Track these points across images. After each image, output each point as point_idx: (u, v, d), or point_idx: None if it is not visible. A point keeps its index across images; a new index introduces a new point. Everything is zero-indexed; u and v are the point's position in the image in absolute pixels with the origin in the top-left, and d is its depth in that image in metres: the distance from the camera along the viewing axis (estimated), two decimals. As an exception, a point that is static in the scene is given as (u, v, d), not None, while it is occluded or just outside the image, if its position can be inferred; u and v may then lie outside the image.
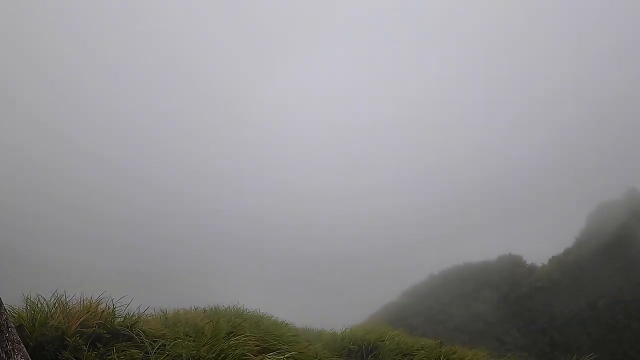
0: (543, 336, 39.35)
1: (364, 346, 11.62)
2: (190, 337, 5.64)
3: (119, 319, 5.72)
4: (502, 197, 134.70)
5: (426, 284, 51.88)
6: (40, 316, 5.35)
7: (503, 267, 50.18)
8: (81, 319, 5.27)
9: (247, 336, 6.21)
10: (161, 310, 7.84)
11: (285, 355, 5.92)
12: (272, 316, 15.06)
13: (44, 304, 5.75)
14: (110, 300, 6.11)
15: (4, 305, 3.67)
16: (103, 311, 5.77)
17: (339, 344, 12.06)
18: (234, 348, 5.42)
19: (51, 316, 5.43)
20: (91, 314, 5.52)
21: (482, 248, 61.62)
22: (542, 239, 71.00)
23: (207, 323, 6.68)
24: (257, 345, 6.07)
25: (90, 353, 4.84)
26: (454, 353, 11.55)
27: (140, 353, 5.03)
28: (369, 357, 11.48)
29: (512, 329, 40.56)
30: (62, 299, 5.93)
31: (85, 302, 5.88)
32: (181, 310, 9.30)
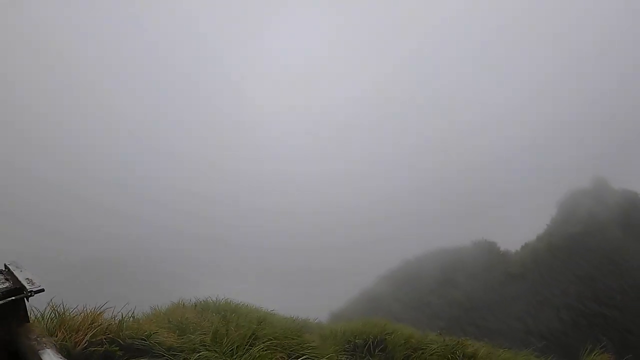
0: (517, 322, 39.77)
1: (370, 340, 10.67)
2: (208, 345, 4.65)
3: (127, 331, 4.60)
4: (477, 184, 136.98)
5: (402, 269, 51.75)
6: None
7: (478, 253, 50.46)
8: (87, 335, 4.15)
9: (269, 341, 5.22)
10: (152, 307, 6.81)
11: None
12: (262, 308, 14.51)
13: (39, 318, 4.61)
14: (113, 308, 4.96)
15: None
16: (110, 323, 4.63)
17: (341, 338, 11.12)
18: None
19: (51, 333, 4.21)
20: (97, 326, 4.39)
21: (457, 234, 62.05)
22: (515, 225, 72.38)
23: (222, 326, 5.69)
24: (280, 351, 5.10)
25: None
26: (465, 347, 10.73)
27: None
28: (376, 351, 10.55)
29: (488, 314, 40.83)
30: (58, 309, 4.82)
31: (85, 312, 4.73)
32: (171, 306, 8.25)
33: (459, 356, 9.79)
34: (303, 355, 5.38)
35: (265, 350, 4.89)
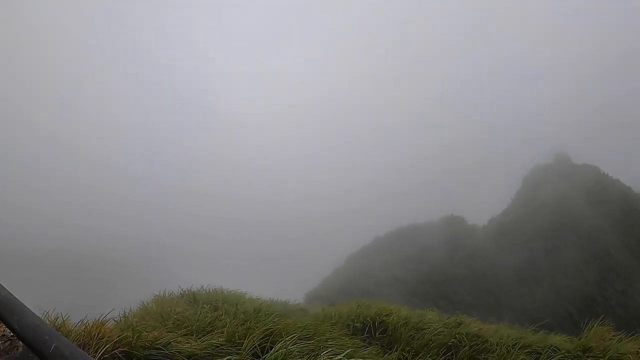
0: (488, 295, 40.62)
1: (370, 323, 10.03)
2: (227, 346, 3.89)
3: (141, 342, 3.74)
4: (446, 164, 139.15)
5: (373, 247, 51.87)
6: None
7: (446, 229, 51.09)
8: (99, 351, 3.29)
9: (292, 337, 4.47)
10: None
11: None
12: (246, 293, 14.06)
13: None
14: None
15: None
16: (120, 333, 3.75)
17: (337, 322, 10.44)
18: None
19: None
20: (108, 340, 3.53)
21: (427, 210, 62.67)
22: (482, 201, 73.77)
23: (238, 326, 4.91)
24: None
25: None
26: (466, 325, 10.26)
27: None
28: (377, 334, 9.91)
29: (459, 288, 41.48)
30: (57, 322, 4.07)
31: (87, 324, 3.85)
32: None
33: (463, 335, 9.27)
34: (328, 348, 4.66)
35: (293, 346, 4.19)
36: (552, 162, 67.52)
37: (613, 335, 10.32)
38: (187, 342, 4.02)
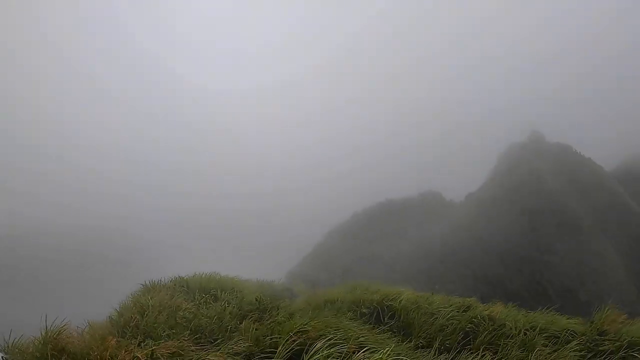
0: (466, 269, 41.18)
1: (377, 309, 9.51)
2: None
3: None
4: (426, 139, 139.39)
5: (351, 222, 51.82)
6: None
7: (424, 204, 51.45)
8: None
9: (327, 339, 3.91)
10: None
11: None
12: (237, 277, 13.62)
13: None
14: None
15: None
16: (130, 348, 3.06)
17: (338, 306, 9.99)
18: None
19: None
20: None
21: (405, 186, 62.86)
22: (455, 175, 74.47)
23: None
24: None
25: None
26: (475, 307, 9.88)
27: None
28: (386, 319, 9.39)
29: (437, 264, 41.92)
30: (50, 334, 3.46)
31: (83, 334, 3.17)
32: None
33: (479, 319, 8.85)
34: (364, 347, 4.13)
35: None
36: (527, 140, 68.36)
37: (623, 320, 10.08)
38: (205, 350, 3.39)
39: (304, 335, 4.14)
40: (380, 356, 3.75)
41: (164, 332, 6.08)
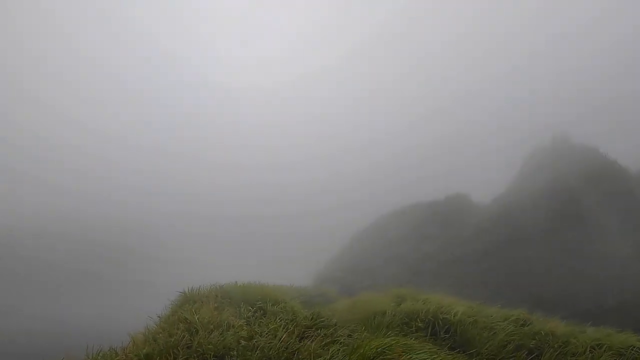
0: (491, 273, 40.71)
1: (432, 322, 9.49)
2: None
3: None
4: (454, 143, 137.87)
5: (376, 225, 51.74)
6: None
7: (451, 207, 51.02)
8: None
9: None
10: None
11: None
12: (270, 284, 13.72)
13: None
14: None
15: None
16: None
17: (389, 320, 9.93)
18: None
19: None
20: None
21: (432, 189, 62.50)
22: (486, 180, 73.66)
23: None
24: None
25: None
26: (533, 322, 9.82)
27: None
28: (441, 333, 9.40)
29: (462, 267, 41.60)
30: None
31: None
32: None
33: (543, 335, 8.77)
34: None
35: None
36: (551, 143, 67.26)
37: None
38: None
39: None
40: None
41: (220, 353, 6.02)
